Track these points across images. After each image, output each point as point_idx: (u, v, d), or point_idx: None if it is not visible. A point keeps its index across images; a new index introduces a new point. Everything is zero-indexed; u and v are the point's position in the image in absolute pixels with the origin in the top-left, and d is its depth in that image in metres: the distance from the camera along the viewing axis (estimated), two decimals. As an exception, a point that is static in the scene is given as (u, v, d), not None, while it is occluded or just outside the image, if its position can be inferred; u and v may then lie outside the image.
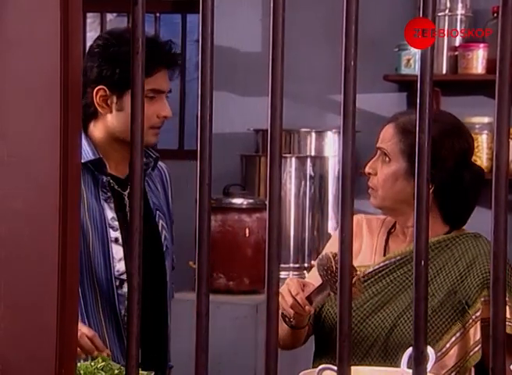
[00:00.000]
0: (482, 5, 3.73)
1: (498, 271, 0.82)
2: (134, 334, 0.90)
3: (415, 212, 0.94)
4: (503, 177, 0.87)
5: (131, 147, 0.95)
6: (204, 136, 0.94)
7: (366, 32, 3.76)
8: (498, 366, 0.77)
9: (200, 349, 0.86)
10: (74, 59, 0.97)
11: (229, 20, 4.16)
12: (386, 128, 2.03)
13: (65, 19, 0.94)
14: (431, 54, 0.88)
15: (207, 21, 0.91)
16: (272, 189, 0.93)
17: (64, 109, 0.95)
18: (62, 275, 0.92)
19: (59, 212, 0.94)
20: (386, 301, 1.94)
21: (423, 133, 0.91)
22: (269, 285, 0.92)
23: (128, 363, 0.88)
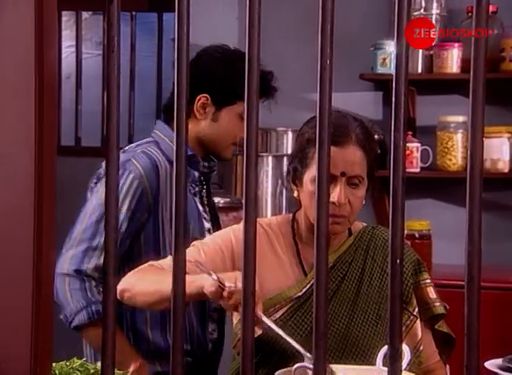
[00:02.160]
0: (457, 5, 3.75)
1: (472, 270, 0.83)
2: (110, 334, 0.89)
3: (391, 211, 0.94)
4: (478, 176, 0.88)
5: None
6: (179, 135, 0.94)
7: (342, 31, 3.76)
8: (472, 363, 0.78)
9: (175, 349, 0.86)
10: (49, 58, 0.96)
11: (206, 19, 4.15)
12: (351, 152, 1.88)
13: (39, 17, 0.94)
14: (406, 53, 0.88)
15: (182, 20, 0.91)
16: (249, 188, 0.93)
17: (39, 106, 0.95)
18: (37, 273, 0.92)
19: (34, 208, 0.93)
20: (333, 312, 1.92)
21: (398, 132, 0.91)
22: (246, 284, 0.92)
23: (103, 363, 0.88)
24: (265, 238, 1.96)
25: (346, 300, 1.93)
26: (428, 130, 3.80)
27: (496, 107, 3.66)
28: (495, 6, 3.61)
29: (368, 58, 3.82)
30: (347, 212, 1.89)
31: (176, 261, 0.91)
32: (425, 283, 1.98)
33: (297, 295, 1.89)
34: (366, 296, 1.93)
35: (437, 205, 3.92)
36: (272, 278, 1.92)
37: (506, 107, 3.75)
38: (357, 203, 1.89)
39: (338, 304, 1.92)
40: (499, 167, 3.69)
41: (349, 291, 1.93)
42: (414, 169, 3.71)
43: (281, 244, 1.97)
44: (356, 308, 1.92)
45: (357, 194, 1.89)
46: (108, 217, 0.89)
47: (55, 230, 0.98)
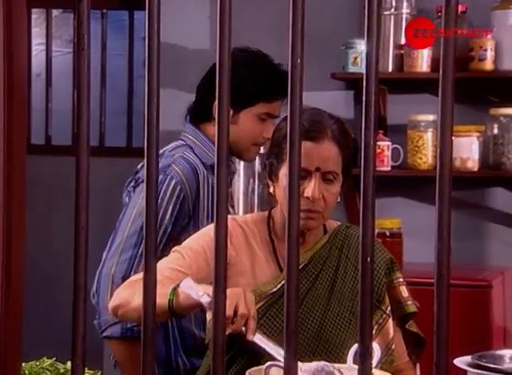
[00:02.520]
0: (427, 5, 3.77)
1: (442, 268, 0.83)
2: (80, 332, 0.89)
3: (362, 209, 0.94)
4: (447, 175, 0.89)
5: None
6: (151, 133, 0.94)
7: (314, 30, 3.77)
8: (442, 361, 0.78)
9: (146, 346, 0.85)
10: (18, 56, 0.96)
11: (177, 17, 4.14)
12: (326, 147, 1.88)
13: (8, 14, 0.93)
14: (376, 52, 0.89)
15: (153, 18, 0.91)
16: (220, 187, 0.93)
17: (8, 104, 0.94)
18: (6, 274, 0.91)
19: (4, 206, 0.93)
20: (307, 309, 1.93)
21: (368, 131, 0.92)
22: (217, 283, 0.92)
23: (73, 362, 0.87)
24: (241, 235, 1.97)
25: (319, 298, 1.93)
26: (398, 128, 3.82)
27: (465, 106, 3.68)
28: (464, 6, 3.64)
29: (339, 58, 3.83)
30: (321, 207, 1.89)
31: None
32: (398, 282, 2.00)
33: (272, 291, 1.90)
34: (340, 294, 1.94)
35: (408, 203, 3.94)
36: (249, 274, 1.92)
37: (475, 106, 3.78)
38: (331, 199, 1.90)
39: (312, 301, 1.93)
40: (469, 166, 3.71)
41: (323, 289, 1.94)
42: (384, 167, 3.73)
43: (257, 240, 1.97)
44: (329, 305, 1.93)
45: (331, 190, 1.89)
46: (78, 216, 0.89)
47: (25, 229, 0.98)
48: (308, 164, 1.87)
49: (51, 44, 5.05)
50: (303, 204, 1.87)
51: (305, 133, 1.88)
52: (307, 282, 1.94)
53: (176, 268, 1.89)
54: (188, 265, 1.89)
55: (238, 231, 1.96)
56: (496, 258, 3.83)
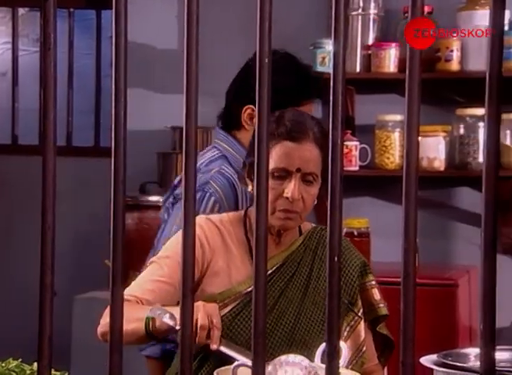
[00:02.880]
0: (394, 5, 3.79)
1: (408, 267, 0.84)
2: (47, 333, 0.88)
3: (329, 209, 0.95)
4: (414, 174, 0.89)
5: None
6: (118, 133, 0.93)
7: (281, 30, 3.77)
8: (408, 359, 0.79)
9: (113, 349, 0.85)
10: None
11: (145, 17, 4.12)
12: (308, 148, 1.88)
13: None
14: (343, 52, 0.89)
15: (120, 17, 0.90)
16: (188, 186, 0.93)
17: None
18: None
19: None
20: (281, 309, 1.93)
21: (336, 131, 0.92)
22: (184, 285, 0.91)
23: (40, 363, 0.86)
24: (217, 235, 1.96)
25: (293, 299, 1.94)
26: (366, 128, 3.84)
27: (432, 106, 3.71)
28: (430, 7, 3.67)
29: (307, 57, 3.83)
30: (300, 208, 1.89)
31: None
32: (371, 285, 2.01)
33: (247, 291, 1.90)
34: (313, 295, 1.95)
35: (375, 203, 3.97)
36: (224, 273, 1.92)
37: (442, 106, 3.81)
38: (309, 200, 1.90)
39: (286, 302, 1.93)
40: (436, 166, 3.74)
41: (297, 290, 1.94)
42: (352, 167, 3.75)
43: (233, 240, 1.97)
44: (303, 306, 1.93)
45: (310, 191, 1.89)
46: (45, 216, 0.88)
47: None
48: (289, 164, 1.87)
49: (17, 43, 5.01)
50: (282, 204, 1.87)
51: (287, 133, 1.89)
52: (282, 283, 1.94)
53: (157, 279, 1.90)
54: (168, 274, 1.89)
55: (214, 231, 1.96)
56: (462, 257, 3.86)
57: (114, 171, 0.92)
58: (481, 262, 0.87)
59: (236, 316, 1.89)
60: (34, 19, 5.07)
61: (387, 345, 2.04)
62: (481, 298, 0.85)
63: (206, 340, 1.72)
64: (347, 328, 1.94)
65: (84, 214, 4.55)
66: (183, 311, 0.88)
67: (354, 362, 1.93)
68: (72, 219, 4.47)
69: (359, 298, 1.97)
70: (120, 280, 0.91)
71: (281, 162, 1.88)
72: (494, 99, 0.86)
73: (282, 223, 1.89)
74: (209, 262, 1.93)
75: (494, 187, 0.88)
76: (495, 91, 0.86)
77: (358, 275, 1.98)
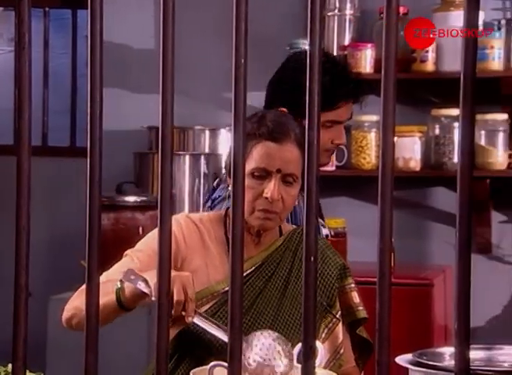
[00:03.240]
0: (369, 6, 3.81)
1: (384, 267, 0.84)
2: (22, 335, 0.88)
3: (305, 209, 0.95)
4: (389, 174, 0.89)
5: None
6: (94, 133, 0.93)
7: (258, 30, 3.78)
8: (383, 359, 0.79)
9: (89, 350, 0.85)
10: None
11: (121, 16, 4.11)
12: (289, 149, 1.88)
13: None
14: (319, 53, 0.89)
15: (95, 16, 0.90)
16: (164, 187, 0.93)
17: None
18: None
19: None
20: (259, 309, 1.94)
21: (312, 131, 0.92)
22: (160, 283, 0.91)
23: (15, 364, 0.86)
24: (195, 233, 1.96)
25: (272, 299, 1.94)
26: (342, 129, 3.84)
27: (407, 107, 3.73)
28: (405, 8, 3.69)
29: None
30: (279, 208, 1.89)
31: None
32: (350, 288, 2.01)
33: (225, 290, 1.90)
34: (292, 296, 1.95)
35: (352, 203, 3.98)
36: (202, 272, 1.92)
37: (417, 107, 3.84)
38: (289, 201, 1.90)
39: (264, 302, 1.93)
40: (411, 166, 3.76)
41: (275, 291, 1.94)
42: (329, 167, 3.75)
43: (212, 239, 1.97)
44: (281, 307, 1.93)
45: (290, 192, 1.89)
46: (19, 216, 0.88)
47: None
48: (269, 165, 1.87)
49: (-8, 43, 4.97)
50: (261, 204, 1.87)
51: (269, 133, 1.89)
52: (260, 283, 1.94)
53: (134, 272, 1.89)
54: (138, 268, 1.88)
55: (192, 229, 1.96)
56: (437, 257, 3.89)
57: (90, 171, 0.92)
58: (455, 262, 0.87)
59: (214, 315, 1.89)
60: (9, 19, 5.04)
61: (366, 348, 2.04)
62: (456, 297, 0.86)
63: (181, 313, 1.70)
64: (325, 330, 1.95)
65: (60, 214, 4.53)
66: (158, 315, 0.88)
67: (332, 364, 1.94)
68: (48, 219, 4.45)
69: (337, 300, 1.97)
70: (96, 280, 0.91)
71: (261, 162, 1.88)
72: (468, 100, 0.87)
73: (261, 222, 1.90)
74: (184, 260, 1.93)
75: (469, 187, 0.88)
76: (469, 91, 0.86)
77: (337, 277, 1.98)
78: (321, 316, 1.93)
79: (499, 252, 3.91)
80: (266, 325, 1.91)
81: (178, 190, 3.88)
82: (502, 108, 3.74)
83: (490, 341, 1.92)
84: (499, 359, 1.31)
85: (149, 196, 3.81)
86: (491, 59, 3.64)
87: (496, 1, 3.86)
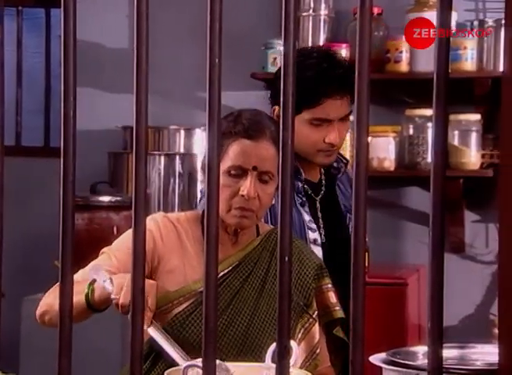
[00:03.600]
0: (344, 6, 3.82)
1: (358, 267, 0.85)
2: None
3: (280, 209, 0.95)
4: (363, 174, 0.90)
5: None
6: (67, 132, 0.93)
7: (233, 30, 3.78)
8: (357, 358, 0.79)
9: (62, 351, 0.84)
10: None
11: (95, 16, 4.09)
12: (265, 147, 1.88)
13: None
14: (293, 53, 0.90)
15: (69, 16, 0.90)
16: (138, 187, 0.92)
17: None
18: None
19: None
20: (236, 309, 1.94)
21: (287, 131, 0.92)
22: (134, 283, 0.91)
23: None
24: (173, 232, 1.96)
25: (248, 299, 1.94)
26: (317, 129, 3.85)
27: (382, 107, 3.75)
28: (380, 8, 3.70)
29: (259, 58, 3.85)
30: (256, 206, 1.88)
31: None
32: (327, 288, 2.01)
33: (201, 289, 1.90)
34: (269, 296, 1.95)
35: (326, 202, 3.98)
36: (179, 272, 1.92)
37: (391, 107, 3.85)
38: (266, 199, 1.90)
39: (240, 302, 1.93)
40: (386, 166, 3.78)
41: (252, 290, 1.94)
42: (304, 167, 3.76)
43: (189, 238, 1.97)
44: (258, 307, 1.93)
45: (266, 190, 1.89)
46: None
47: None
48: (245, 162, 1.87)
49: (-36, 41, 4.93)
50: (238, 201, 1.87)
51: (244, 131, 1.89)
52: (237, 282, 1.94)
53: (105, 268, 1.89)
54: (116, 266, 1.88)
55: (170, 229, 1.96)
56: (411, 256, 3.90)
57: (63, 171, 0.92)
58: (429, 261, 0.88)
59: (190, 315, 1.89)
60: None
61: (343, 348, 2.04)
62: (429, 296, 0.86)
63: None
64: (302, 330, 1.95)
65: (33, 214, 4.50)
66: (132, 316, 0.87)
67: (308, 364, 1.94)
68: (22, 219, 4.42)
69: (314, 300, 1.97)
70: (70, 281, 0.91)
71: (237, 160, 1.88)
72: (441, 100, 0.87)
73: (237, 221, 1.90)
74: (161, 259, 1.93)
75: (442, 186, 0.89)
76: (442, 91, 0.87)
77: (314, 277, 1.98)
78: (298, 316, 1.94)
79: (472, 252, 3.94)
80: (243, 325, 1.91)
81: (153, 190, 3.86)
82: (475, 109, 3.77)
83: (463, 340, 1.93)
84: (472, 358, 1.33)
85: (123, 196, 3.79)
86: (464, 60, 3.67)
87: (469, 2, 3.89)
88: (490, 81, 3.69)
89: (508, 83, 0.89)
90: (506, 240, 0.91)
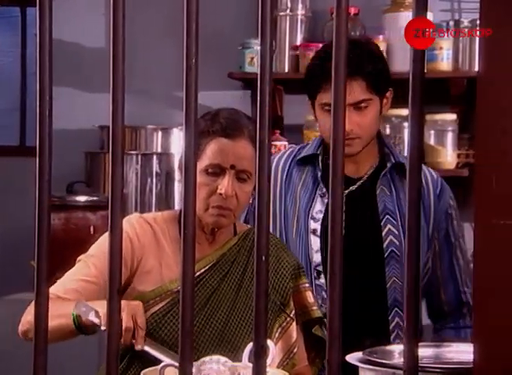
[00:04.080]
0: (320, 6, 3.83)
1: (334, 266, 0.85)
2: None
3: (257, 208, 0.95)
4: (340, 172, 0.90)
5: None
6: (43, 132, 0.92)
7: (210, 30, 3.77)
8: (334, 357, 0.80)
9: (38, 351, 0.84)
10: None
11: (72, 15, 4.07)
12: (242, 146, 1.88)
13: None
14: (270, 53, 0.90)
15: (44, 14, 0.89)
16: (115, 186, 0.92)
17: None
18: None
19: None
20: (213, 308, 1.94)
21: (263, 130, 0.92)
22: (111, 283, 0.91)
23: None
24: (149, 232, 1.96)
25: (226, 297, 1.94)
26: (295, 128, 3.86)
27: (359, 107, 3.75)
28: (356, 8, 3.71)
29: (236, 57, 3.85)
30: (234, 205, 1.89)
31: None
32: (304, 287, 2.02)
33: (178, 289, 1.90)
34: (246, 296, 1.95)
35: (304, 202, 3.99)
36: (156, 271, 1.92)
37: (369, 107, 3.86)
38: (243, 198, 1.90)
39: (217, 301, 1.93)
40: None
41: (229, 289, 1.94)
42: (281, 167, 3.77)
43: (166, 238, 1.96)
44: (235, 306, 1.93)
45: (244, 188, 1.89)
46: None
47: None
48: (223, 161, 1.87)
49: None
50: (215, 200, 1.87)
51: (222, 130, 1.89)
52: (214, 282, 1.94)
53: (82, 278, 1.89)
54: (94, 274, 1.88)
55: (146, 229, 1.95)
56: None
57: (39, 171, 0.91)
58: (404, 259, 0.88)
59: (167, 314, 1.89)
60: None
61: (323, 347, 2.05)
62: (406, 295, 0.87)
63: (131, 340, 1.72)
64: (279, 329, 1.95)
65: (9, 214, 4.47)
66: (109, 312, 0.87)
67: (285, 363, 1.94)
68: (-3, 219, 4.38)
69: (291, 300, 1.98)
70: (45, 282, 0.90)
71: (215, 159, 1.88)
72: (417, 100, 0.88)
73: (215, 220, 1.90)
74: (139, 260, 1.92)
75: (418, 186, 0.89)
76: (418, 91, 0.87)
77: (291, 277, 1.99)
78: (276, 316, 1.94)
79: (449, 251, 3.96)
80: (219, 324, 1.91)
81: (130, 190, 3.85)
82: (451, 109, 3.79)
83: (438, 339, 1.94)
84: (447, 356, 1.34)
85: (100, 196, 3.78)
86: (440, 60, 3.68)
87: (445, 3, 3.91)
88: (466, 81, 3.71)
89: (483, 83, 0.90)
90: (482, 239, 0.92)
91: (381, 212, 2.24)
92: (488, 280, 0.88)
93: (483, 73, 0.91)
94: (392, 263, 2.19)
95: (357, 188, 2.27)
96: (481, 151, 0.94)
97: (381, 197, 2.26)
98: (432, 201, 2.30)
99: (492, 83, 0.89)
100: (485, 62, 0.91)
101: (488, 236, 0.90)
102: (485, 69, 0.90)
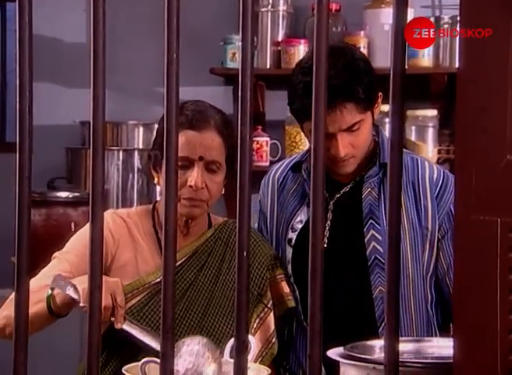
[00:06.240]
0: (302, 2, 3.83)
1: (315, 262, 0.85)
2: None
3: (238, 204, 0.95)
4: (321, 169, 0.90)
5: None
6: (23, 128, 0.92)
7: (191, 26, 3.77)
8: (315, 352, 0.80)
9: (18, 347, 0.83)
10: None
11: (52, 10, 4.05)
12: (210, 136, 1.88)
13: None
14: (251, 49, 0.90)
15: (24, 10, 0.89)
16: (96, 182, 0.92)
17: None
18: None
19: None
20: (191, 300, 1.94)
21: (244, 126, 0.93)
22: (92, 278, 0.90)
23: None
24: (123, 227, 1.96)
25: (203, 289, 1.94)
26: (277, 124, 3.86)
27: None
28: (338, 5, 3.72)
29: (218, 53, 3.84)
30: (205, 196, 1.89)
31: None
32: (280, 278, 2.03)
33: (155, 281, 1.90)
34: (223, 287, 1.95)
35: (285, 198, 3.99)
36: (132, 265, 1.92)
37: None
38: (214, 188, 1.90)
39: (195, 292, 1.94)
40: (344, 161, 3.79)
41: (206, 281, 1.95)
42: (263, 162, 3.77)
43: (140, 232, 1.97)
44: (213, 298, 1.94)
45: (214, 179, 1.90)
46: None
47: None
48: (191, 153, 1.87)
49: None
50: (186, 192, 1.88)
51: (188, 122, 1.89)
52: (191, 273, 1.95)
53: (62, 276, 1.88)
54: (69, 270, 1.88)
55: (120, 224, 1.96)
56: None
57: (19, 167, 0.91)
58: (386, 257, 0.89)
59: (144, 307, 1.89)
60: None
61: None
62: (387, 291, 0.87)
63: (110, 318, 1.71)
64: (257, 320, 1.96)
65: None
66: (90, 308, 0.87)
67: (264, 353, 1.95)
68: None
69: (268, 290, 1.99)
70: (26, 278, 0.90)
71: (183, 151, 1.88)
72: (398, 96, 0.88)
73: (188, 210, 1.90)
74: (114, 255, 1.93)
75: (399, 181, 0.90)
76: (399, 87, 0.88)
77: (268, 268, 2.00)
78: (253, 306, 1.95)
79: (430, 246, 3.97)
80: (198, 315, 1.92)
81: (111, 185, 3.84)
82: (431, 105, 3.80)
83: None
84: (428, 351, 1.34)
85: (81, 192, 3.76)
86: (421, 56, 3.70)
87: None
88: (446, 77, 3.73)
89: (463, 82, 0.90)
90: (462, 235, 0.92)
91: (365, 217, 2.07)
92: (468, 278, 0.89)
93: (463, 72, 0.91)
94: (377, 271, 2.02)
95: (346, 192, 2.12)
96: (462, 149, 0.95)
97: (367, 200, 2.10)
98: (429, 202, 2.12)
99: (472, 83, 0.89)
100: (464, 61, 0.91)
101: (468, 232, 0.90)
102: (465, 69, 0.91)
